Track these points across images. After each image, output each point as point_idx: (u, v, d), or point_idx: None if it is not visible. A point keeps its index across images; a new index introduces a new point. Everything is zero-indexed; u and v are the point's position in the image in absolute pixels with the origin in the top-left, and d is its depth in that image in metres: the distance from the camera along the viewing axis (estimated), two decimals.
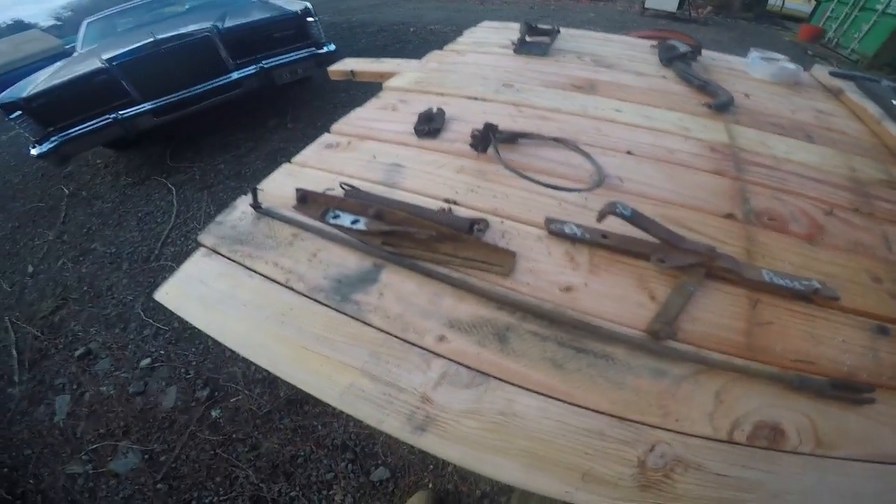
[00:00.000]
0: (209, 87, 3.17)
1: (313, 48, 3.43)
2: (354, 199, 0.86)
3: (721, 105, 1.21)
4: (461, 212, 0.83)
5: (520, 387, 0.59)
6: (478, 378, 0.59)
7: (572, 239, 0.75)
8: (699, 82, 1.35)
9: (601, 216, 0.69)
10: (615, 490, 0.50)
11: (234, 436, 1.78)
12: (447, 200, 0.87)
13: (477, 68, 1.50)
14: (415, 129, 1.10)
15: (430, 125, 1.10)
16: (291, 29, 3.36)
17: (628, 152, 1.00)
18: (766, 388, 0.59)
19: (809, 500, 0.51)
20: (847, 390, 0.58)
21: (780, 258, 0.76)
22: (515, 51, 1.64)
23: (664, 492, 0.50)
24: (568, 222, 0.77)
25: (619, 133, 1.08)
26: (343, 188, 0.87)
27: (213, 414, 1.87)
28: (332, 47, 3.52)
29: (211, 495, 1.63)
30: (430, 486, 1.60)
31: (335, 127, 1.15)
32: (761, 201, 0.88)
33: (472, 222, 0.76)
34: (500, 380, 0.59)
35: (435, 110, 1.15)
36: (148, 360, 2.12)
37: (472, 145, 0.98)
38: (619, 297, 0.68)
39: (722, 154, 1.03)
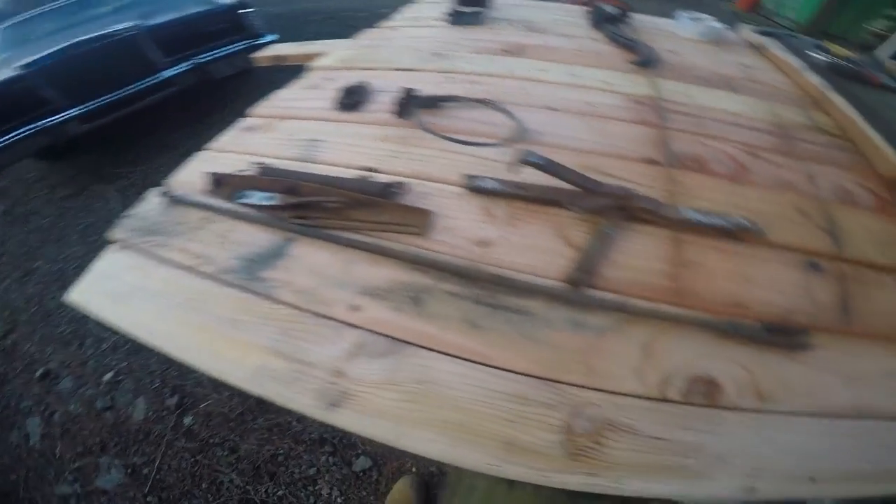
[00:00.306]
0: (140, 87, 2.98)
1: (251, 40, 3.28)
2: (266, 177, 0.82)
3: (646, 61, 1.21)
4: (381, 178, 0.79)
5: (437, 351, 0.55)
6: (393, 346, 0.55)
7: (490, 193, 0.73)
8: (627, 42, 1.35)
9: (514, 165, 0.67)
10: (543, 460, 0.47)
11: (210, 441, 1.75)
12: (367, 169, 0.83)
13: (410, 41, 1.45)
14: (337, 103, 1.05)
15: (352, 98, 1.05)
16: (225, 22, 3.20)
17: (551, 108, 0.98)
18: (696, 337, 0.56)
19: (757, 462, 0.48)
20: (782, 334, 0.56)
21: (704, 198, 0.76)
22: (451, 22, 1.60)
23: (595, 459, 0.47)
24: (486, 177, 0.74)
25: (544, 91, 1.06)
26: (256, 167, 0.82)
27: (186, 421, 1.83)
28: (274, 37, 3.38)
29: (201, 503, 1.61)
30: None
31: (253, 110, 1.09)
32: (684, 146, 0.88)
33: (387, 185, 0.73)
34: (416, 345, 0.56)
35: (358, 83, 1.10)
36: (111, 374, 2.06)
37: (393, 113, 0.94)
38: (537, 247, 0.65)
39: (645, 105, 1.02)
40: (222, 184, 0.84)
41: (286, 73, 1.32)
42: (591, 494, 0.47)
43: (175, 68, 3.07)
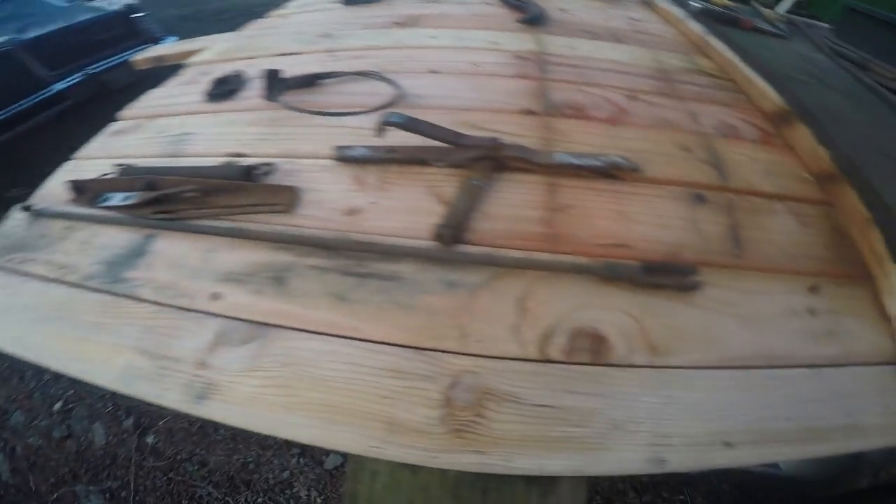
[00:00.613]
0: (28, 104, 2.71)
1: (148, 44, 3.05)
2: (125, 177, 0.76)
3: (532, 18, 1.22)
4: (249, 161, 0.75)
5: (302, 330, 0.51)
6: (256, 330, 0.52)
7: (361, 161, 0.70)
8: (517, 3, 1.35)
9: (377, 128, 0.64)
10: (426, 439, 0.43)
11: (178, 457, 1.73)
12: (234, 154, 0.78)
13: (298, 27, 1.38)
14: (208, 94, 0.98)
15: (223, 88, 0.99)
16: (116, 29, 2.95)
17: (435, 72, 0.96)
18: (575, 284, 0.53)
19: (661, 427, 0.43)
20: (668, 274, 0.52)
21: (582, 142, 0.76)
22: (345, 3, 1.54)
23: (480, 434, 0.43)
24: (356, 146, 0.71)
25: (430, 57, 1.04)
26: (116, 169, 0.77)
27: (149, 440, 1.81)
28: (174, 40, 3.15)
29: None
30: None
31: (123, 113, 1.02)
32: (563, 95, 0.88)
33: (250, 168, 0.68)
34: (280, 327, 0.52)
35: (233, 72, 1.04)
36: (60, 404, 1.99)
37: (262, 97, 0.88)
38: (408, 209, 0.63)
39: (528, 60, 1.02)
40: (83, 190, 0.78)
41: None
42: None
43: (66, 81, 2.80)
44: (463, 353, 0.48)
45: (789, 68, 1.03)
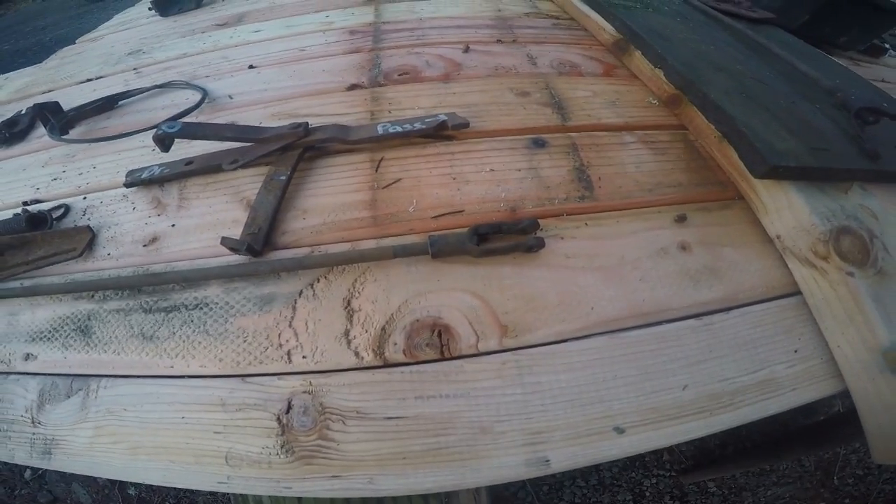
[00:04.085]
0: None
1: None
2: None
3: None
4: (43, 207, 0.63)
5: (118, 376, 0.47)
6: (76, 383, 0.48)
7: (158, 181, 0.60)
8: None
9: (157, 144, 0.55)
10: (271, 470, 0.39)
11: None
12: (26, 203, 0.65)
13: (108, 48, 1.21)
14: None
15: (12, 130, 0.83)
16: None
17: (253, 66, 0.86)
18: (406, 271, 0.47)
19: (533, 422, 0.38)
20: (502, 236, 0.45)
21: (412, 106, 0.70)
22: (162, 15, 1.38)
23: (332, 459, 0.38)
24: (148, 167, 0.61)
25: (249, 52, 0.93)
26: None
27: (132, 492, 1.69)
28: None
29: None
30: None
31: None
32: (394, 62, 0.82)
33: (41, 215, 0.57)
34: (97, 376, 0.47)
35: (23, 112, 0.88)
36: (29, 471, 1.79)
37: (48, 133, 0.75)
38: (211, 223, 0.55)
39: (362, 34, 0.95)
40: None
41: None
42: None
43: None
44: (291, 374, 0.43)
45: None
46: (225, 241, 0.47)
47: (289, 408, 0.41)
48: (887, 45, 1.25)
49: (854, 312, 0.41)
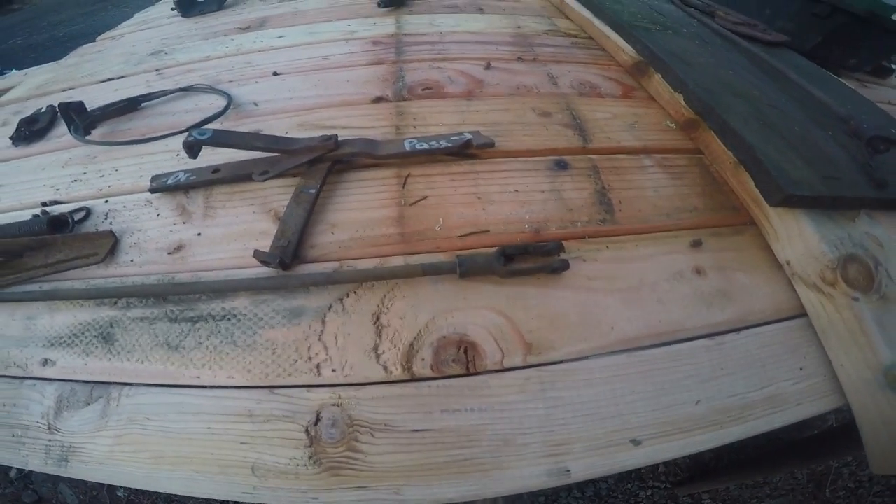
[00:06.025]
0: None
1: None
2: None
3: (390, 0, 1.15)
4: (63, 209, 0.63)
5: (140, 385, 0.46)
6: (96, 390, 0.47)
7: (184, 188, 0.60)
8: None
9: (186, 150, 0.55)
10: (298, 481, 0.39)
11: None
12: (48, 203, 0.65)
13: (129, 47, 1.21)
14: (11, 138, 0.82)
15: (32, 128, 0.83)
16: None
17: (277, 73, 0.86)
18: (434, 288, 0.47)
19: (555, 434, 0.39)
20: (529, 257, 0.47)
21: (436, 122, 0.71)
22: (183, 15, 1.39)
23: (360, 470, 0.39)
24: (174, 172, 0.61)
25: (274, 58, 0.94)
26: None
27: (120, 494, 1.67)
28: (12, 72, 2.74)
29: None
30: None
31: None
32: (417, 76, 0.83)
33: (61, 217, 0.57)
34: (119, 384, 0.47)
35: (43, 109, 0.88)
36: (15, 471, 1.76)
37: (70, 132, 0.75)
38: (238, 234, 0.55)
39: (384, 44, 0.96)
40: None
41: None
42: None
43: None
44: (320, 386, 0.43)
45: (639, 18, 1.05)
46: (257, 254, 0.47)
47: (317, 420, 0.41)
48: (894, 67, 1.26)
49: (857, 334, 0.43)
